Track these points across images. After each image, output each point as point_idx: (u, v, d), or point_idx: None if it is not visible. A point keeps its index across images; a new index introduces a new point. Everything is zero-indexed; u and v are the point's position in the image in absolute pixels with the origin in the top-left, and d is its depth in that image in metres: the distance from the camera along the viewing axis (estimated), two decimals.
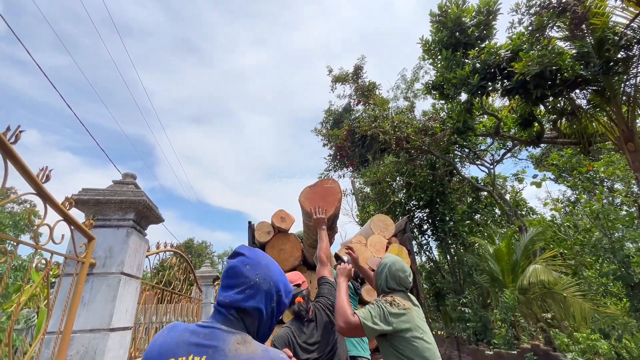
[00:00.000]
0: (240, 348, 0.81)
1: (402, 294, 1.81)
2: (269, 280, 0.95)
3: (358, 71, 9.38)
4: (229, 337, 0.83)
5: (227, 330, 0.85)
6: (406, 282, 1.85)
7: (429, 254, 12.57)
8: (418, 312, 1.76)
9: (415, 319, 1.68)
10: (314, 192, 2.85)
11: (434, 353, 1.63)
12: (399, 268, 1.89)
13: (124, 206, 2.16)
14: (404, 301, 1.72)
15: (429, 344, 1.64)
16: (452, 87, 6.33)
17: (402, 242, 4.71)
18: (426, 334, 1.67)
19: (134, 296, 2.20)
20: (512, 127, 8.75)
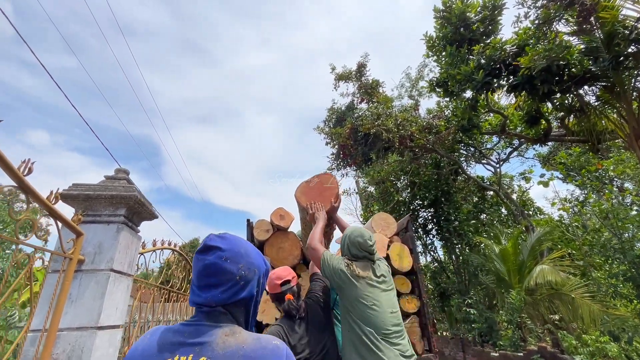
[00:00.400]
0: (228, 340, 0.77)
1: (365, 262, 1.84)
2: (253, 268, 0.90)
3: (361, 69, 9.28)
4: (216, 330, 0.79)
5: (212, 324, 0.81)
6: (366, 245, 1.86)
7: (433, 254, 12.42)
8: (377, 283, 1.78)
9: (366, 288, 1.72)
10: (310, 187, 2.78)
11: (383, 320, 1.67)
12: (357, 234, 1.92)
13: (114, 202, 2.11)
14: (362, 270, 1.76)
15: (377, 312, 1.68)
16: (456, 83, 6.20)
17: (404, 240, 4.61)
18: (377, 306, 1.70)
19: (125, 294, 2.15)
20: (518, 124, 8.58)
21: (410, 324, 3.98)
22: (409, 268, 4.30)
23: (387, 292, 1.83)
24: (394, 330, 1.70)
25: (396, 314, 1.81)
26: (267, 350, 0.78)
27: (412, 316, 4.05)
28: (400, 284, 4.24)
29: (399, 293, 4.18)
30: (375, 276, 1.81)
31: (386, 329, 1.66)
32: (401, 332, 1.75)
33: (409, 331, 3.95)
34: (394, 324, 1.73)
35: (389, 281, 1.92)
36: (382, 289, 1.80)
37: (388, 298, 1.81)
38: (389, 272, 1.98)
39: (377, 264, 1.93)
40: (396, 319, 1.78)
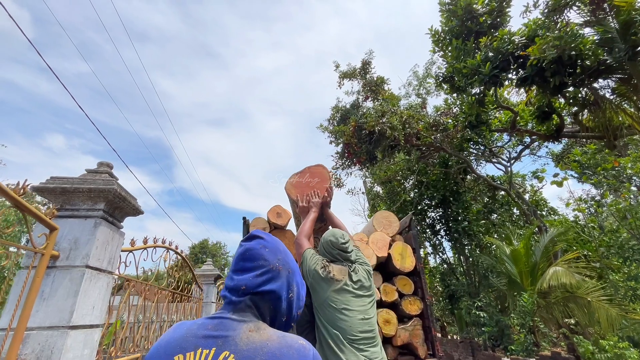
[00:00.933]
0: (252, 335, 0.75)
1: (342, 265, 1.79)
2: (288, 267, 0.90)
3: (366, 66, 9.11)
4: (240, 325, 0.78)
5: (238, 319, 0.79)
6: (337, 244, 1.83)
7: (442, 255, 12.12)
8: (352, 289, 1.72)
9: (338, 292, 1.68)
10: (301, 179, 2.66)
11: (350, 326, 1.62)
12: (330, 234, 1.91)
13: (92, 195, 2.02)
14: (337, 273, 1.72)
15: (345, 316, 1.63)
16: (463, 78, 5.98)
17: (407, 239, 4.43)
18: (347, 310, 1.65)
19: (104, 292, 2.05)
20: (529, 120, 8.27)
21: (412, 327, 3.80)
22: (411, 268, 4.12)
23: (362, 298, 1.75)
24: (362, 336, 1.63)
25: (369, 321, 1.72)
26: (293, 350, 0.75)
27: (414, 318, 3.87)
28: (403, 284, 4.07)
29: (401, 294, 4.01)
30: (350, 280, 1.75)
31: (353, 334, 1.61)
32: (372, 340, 1.67)
33: (411, 334, 3.78)
34: (364, 331, 1.65)
35: (369, 287, 1.84)
36: (357, 295, 1.73)
37: (362, 304, 1.73)
38: (369, 278, 1.89)
39: (356, 268, 1.85)
40: (368, 325, 1.69)
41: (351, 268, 1.82)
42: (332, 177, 3.00)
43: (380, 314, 3.79)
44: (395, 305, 4.01)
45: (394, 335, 3.76)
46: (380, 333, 3.71)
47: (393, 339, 3.78)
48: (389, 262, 4.17)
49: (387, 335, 3.73)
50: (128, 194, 2.24)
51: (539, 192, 13.24)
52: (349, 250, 1.87)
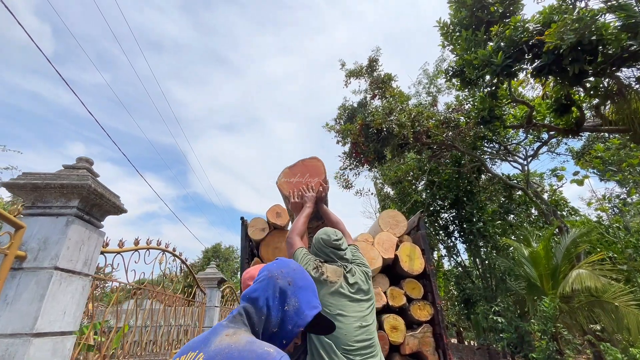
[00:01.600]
0: (224, 339, 0.78)
1: (337, 266, 1.65)
2: (288, 279, 0.93)
3: (373, 64, 8.87)
4: (223, 330, 0.82)
5: (226, 324, 0.84)
6: (329, 241, 1.70)
7: (456, 258, 11.68)
8: (348, 292, 1.59)
9: (332, 296, 1.54)
10: (294, 173, 2.46)
11: (345, 334, 1.47)
12: (322, 232, 1.78)
13: (65, 192, 1.88)
14: (332, 274, 1.58)
15: (340, 323, 1.48)
16: (473, 70, 5.68)
17: (416, 240, 4.16)
18: (343, 317, 1.51)
19: (78, 296, 1.90)
20: (546, 114, 7.84)
21: (422, 334, 3.53)
22: (420, 270, 3.86)
23: (360, 303, 1.59)
24: (358, 346, 1.47)
25: (367, 329, 1.55)
26: (254, 354, 0.74)
27: (424, 325, 3.60)
28: (411, 288, 3.80)
29: (410, 298, 3.75)
30: (346, 283, 1.61)
31: (348, 344, 1.46)
32: (370, 351, 1.50)
33: (421, 342, 3.50)
34: (361, 340, 1.50)
35: (367, 290, 1.67)
36: (353, 299, 1.58)
37: (359, 310, 1.57)
38: (367, 280, 1.71)
39: (353, 269, 1.69)
40: (365, 334, 1.53)
41: (347, 269, 1.66)
42: (326, 171, 2.79)
43: (387, 320, 3.54)
44: (403, 311, 3.75)
45: (402, 343, 3.49)
46: (387, 340, 3.46)
47: (401, 347, 3.52)
48: (396, 264, 3.92)
49: (394, 343, 3.47)
50: (107, 190, 2.09)
51: (559, 191, 12.63)
52: (342, 248, 1.73)
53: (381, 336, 3.43)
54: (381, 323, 3.52)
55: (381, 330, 3.48)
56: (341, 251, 1.71)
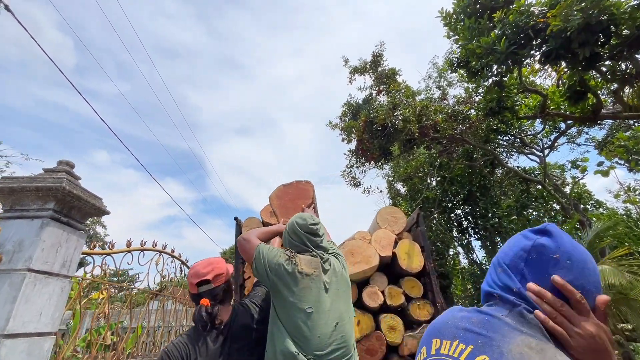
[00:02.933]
0: (530, 355, 0.57)
1: (311, 257, 1.48)
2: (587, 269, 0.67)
3: (377, 59, 8.71)
4: (514, 334, 0.62)
5: (512, 325, 0.64)
6: (306, 225, 1.54)
7: (471, 255, 11.31)
8: (325, 284, 1.42)
9: (307, 289, 1.36)
10: (286, 192, 2.59)
11: (319, 336, 1.29)
12: (297, 216, 1.62)
13: (41, 194, 1.91)
14: (306, 266, 1.40)
15: (313, 322, 1.31)
16: (477, 60, 5.47)
17: (415, 237, 4.03)
18: (317, 313, 1.33)
19: (56, 297, 1.92)
20: (560, 103, 7.45)
21: (421, 334, 3.40)
22: (419, 268, 3.72)
23: (338, 298, 1.43)
24: (333, 348, 1.30)
25: (344, 327, 1.38)
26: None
27: (424, 325, 3.47)
28: (410, 287, 3.68)
29: (409, 297, 3.63)
30: (321, 272, 1.45)
31: (324, 347, 1.27)
32: (345, 354, 1.32)
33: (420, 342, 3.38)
34: (338, 340, 1.32)
35: (343, 282, 1.51)
36: (330, 291, 1.41)
37: (337, 305, 1.41)
38: (342, 272, 1.55)
39: (330, 260, 1.53)
40: (343, 332, 1.36)
41: (323, 258, 1.50)
42: (314, 196, 2.89)
43: (385, 320, 3.43)
44: (401, 310, 3.63)
45: (400, 344, 3.38)
46: (384, 341, 3.35)
47: (399, 348, 3.40)
48: (394, 262, 3.80)
49: (392, 344, 3.36)
50: (85, 192, 2.11)
51: (580, 183, 12.02)
52: (319, 234, 1.57)
53: (378, 336, 3.33)
54: (378, 323, 3.42)
55: (378, 330, 3.38)
56: (318, 238, 1.56)
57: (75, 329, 5.45)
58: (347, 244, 3.71)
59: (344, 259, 1.66)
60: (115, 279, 5.16)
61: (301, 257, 1.46)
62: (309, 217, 1.59)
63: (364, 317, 3.41)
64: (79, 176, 2.23)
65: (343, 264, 1.58)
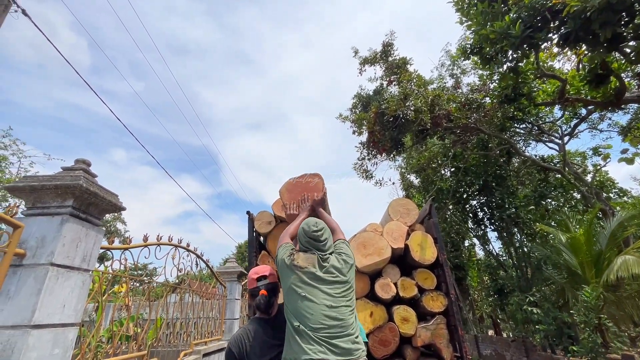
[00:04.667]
0: None
1: (310, 254, 1.75)
2: None
3: (387, 49, 8.53)
4: None
5: None
6: (309, 232, 1.78)
7: (487, 246, 11.11)
8: (321, 274, 1.68)
9: (301, 279, 1.65)
10: (296, 185, 2.59)
11: (313, 314, 1.58)
12: (304, 223, 1.87)
13: (60, 192, 1.98)
14: (302, 261, 1.70)
15: (309, 303, 1.60)
16: (491, 45, 5.28)
17: (428, 228, 3.98)
18: (312, 297, 1.61)
19: (78, 290, 2.01)
20: (581, 88, 7.13)
21: (435, 326, 3.39)
22: (432, 260, 3.69)
23: (332, 285, 1.67)
24: (328, 324, 1.56)
25: (338, 309, 1.62)
26: None
27: (438, 316, 3.45)
28: (423, 278, 3.65)
29: (422, 289, 3.61)
30: (317, 267, 1.70)
31: (319, 322, 1.56)
32: (341, 330, 1.58)
33: (433, 334, 3.37)
34: (331, 317, 1.58)
35: (343, 274, 1.73)
36: (324, 281, 1.67)
37: (329, 292, 1.66)
38: (345, 266, 1.77)
39: (330, 257, 1.76)
40: (336, 314, 1.61)
41: (322, 257, 1.73)
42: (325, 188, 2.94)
43: (397, 312, 3.43)
44: (415, 302, 3.62)
45: (413, 335, 3.38)
46: (397, 332, 3.36)
47: (413, 339, 3.40)
48: (407, 254, 3.78)
49: (405, 335, 3.36)
50: (102, 189, 2.18)
51: (603, 171, 11.55)
52: (321, 239, 1.78)
53: (391, 328, 3.34)
54: (391, 315, 3.43)
55: (391, 322, 3.39)
56: (319, 242, 1.77)
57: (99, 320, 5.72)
58: (359, 236, 3.70)
59: (347, 256, 1.84)
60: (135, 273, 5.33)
61: (300, 254, 1.74)
62: (312, 224, 1.82)
63: (377, 308, 3.41)
64: (96, 174, 2.30)
65: (344, 260, 1.78)
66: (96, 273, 6.59)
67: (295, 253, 1.74)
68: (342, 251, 1.86)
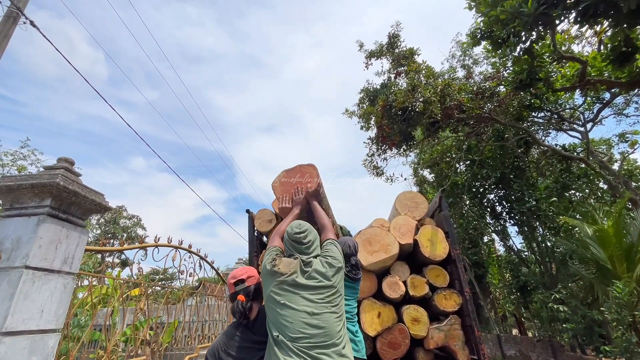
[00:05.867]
0: None
1: (293, 259, 1.65)
2: None
3: (394, 40, 8.26)
4: None
5: None
6: (292, 234, 1.70)
7: (507, 242, 10.61)
8: (302, 280, 1.56)
9: (281, 285, 1.54)
10: (289, 177, 2.42)
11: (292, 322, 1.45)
12: (289, 226, 1.79)
13: (37, 191, 1.89)
14: (283, 266, 1.60)
15: (288, 312, 1.47)
16: (502, 27, 4.97)
17: (439, 222, 3.73)
18: (292, 304, 1.49)
19: (58, 294, 1.91)
20: (603, 69, 6.65)
21: (449, 327, 3.14)
22: (444, 256, 3.45)
23: (314, 292, 1.54)
24: (308, 334, 1.42)
25: (320, 317, 1.49)
26: None
27: (451, 316, 3.21)
28: (435, 276, 3.41)
29: (433, 287, 3.37)
30: (299, 273, 1.59)
31: (298, 331, 1.43)
32: (324, 341, 1.44)
33: (447, 335, 3.12)
34: (312, 326, 1.45)
35: (327, 279, 1.60)
36: (305, 287, 1.54)
37: (311, 298, 1.52)
38: (329, 270, 1.64)
39: (314, 261, 1.65)
40: (318, 320, 1.47)
41: (305, 261, 1.63)
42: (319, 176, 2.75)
43: (407, 312, 3.21)
44: (426, 301, 3.38)
45: (425, 337, 3.14)
46: (407, 334, 3.13)
47: (424, 341, 3.17)
48: (416, 250, 3.55)
49: (416, 337, 3.13)
50: (84, 188, 2.08)
51: (630, 159, 10.84)
52: (304, 242, 1.70)
53: (401, 329, 3.12)
54: (401, 315, 3.21)
55: (401, 322, 3.17)
56: (302, 245, 1.68)
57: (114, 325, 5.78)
58: (364, 233, 3.50)
59: (334, 258, 1.70)
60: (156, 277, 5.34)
61: (283, 259, 1.64)
62: (295, 227, 1.73)
63: (385, 308, 3.20)
64: (79, 173, 2.21)
65: (329, 263, 1.65)
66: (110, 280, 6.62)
67: (278, 258, 1.66)
68: (328, 253, 1.72)
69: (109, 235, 26.18)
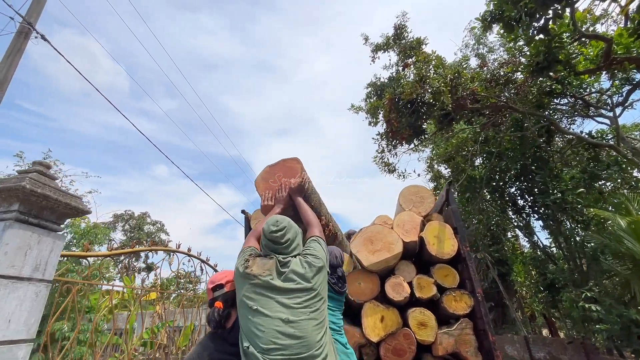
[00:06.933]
0: None
1: (269, 259, 1.50)
2: None
3: (400, 31, 7.96)
4: None
5: None
6: (267, 232, 1.54)
7: (531, 238, 10.01)
8: (277, 282, 1.40)
9: (254, 288, 1.40)
10: (272, 173, 2.27)
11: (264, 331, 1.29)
12: (267, 220, 1.61)
13: (4, 196, 1.82)
14: (257, 267, 1.45)
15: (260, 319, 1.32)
16: (512, 5, 4.61)
17: (447, 218, 3.46)
18: (264, 309, 1.34)
19: (28, 303, 1.82)
20: (631, 45, 6.08)
21: (459, 331, 2.88)
22: (452, 253, 3.18)
23: (291, 295, 1.38)
24: (282, 344, 1.26)
25: (297, 324, 1.32)
26: None
27: (462, 319, 2.94)
28: (443, 275, 3.15)
29: (442, 288, 3.11)
30: (275, 274, 1.44)
31: (270, 341, 1.27)
32: (300, 353, 1.27)
33: (458, 340, 2.86)
34: (286, 335, 1.28)
35: (305, 279, 1.44)
36: (281, 290, 1.38)
37: (287, 304, 1.36)
38: (309, 271, 1.47)
39: (292, 260, 1.49)
40: (294, 328, 1.30)
41: (282, 262, 1.47)
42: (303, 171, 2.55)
43: (413, 315, 2.97)
44: (434, 303, 3.13)
45: (433, 343, 2.89)
46: (413, 340, 2.89)
47: (433, 347, 2.91)
48: (422, 248, 3.30)
49: (423, 343, 2.88)
50: (56, 192, 2.00)
51: None
52: (281, 241, 1.54)
53: (406, 335, 2.88)
54: (406, 319, 2.97)
55: (406, 327, 2.93)
56: (279, 245, 1.53)
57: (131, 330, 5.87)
58: (365, 231, 3.29)
59: (315, 257, 1.53)
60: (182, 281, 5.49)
61: (257, 260, 1.50)
62: (272, 224, 1.57)
63: (389, 312, 2.97)
64: (55, 177, 2.14)
65: (309, 263, 1.49)
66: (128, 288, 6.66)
67: (252, 259, 1.51)
68: (309, 252, 1.55)
69: (134, 240, 27.12)
